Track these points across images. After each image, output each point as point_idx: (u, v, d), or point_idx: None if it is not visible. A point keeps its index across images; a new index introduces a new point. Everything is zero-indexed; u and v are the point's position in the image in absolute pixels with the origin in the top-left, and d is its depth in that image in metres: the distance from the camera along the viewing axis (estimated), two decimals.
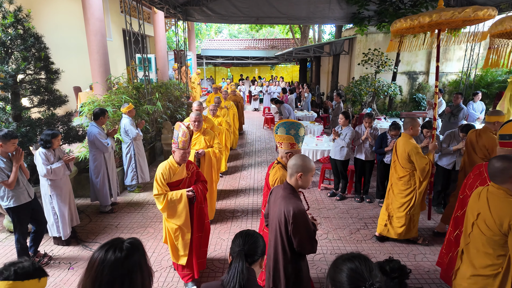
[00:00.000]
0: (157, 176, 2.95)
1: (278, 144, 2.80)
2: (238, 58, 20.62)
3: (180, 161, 2.99)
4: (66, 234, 3.90)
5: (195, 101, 4.80)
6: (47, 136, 3.63)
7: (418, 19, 3.38)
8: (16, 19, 3.99)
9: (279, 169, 2.73)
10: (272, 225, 2.27)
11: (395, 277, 1.43)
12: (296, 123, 2.75)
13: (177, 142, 2.92)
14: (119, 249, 1.30)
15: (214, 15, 10.31)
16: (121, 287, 1.27)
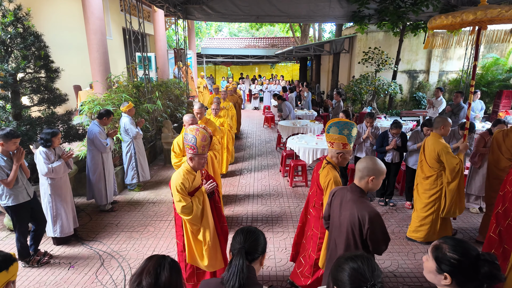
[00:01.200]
0: (177, 187, 2.62)
1: (329, 144, 2.71)
2: (238, 57, 20.59)
3: (199, 167, 2.73)
4: (66, 232, 3.91)
5: (197, 102, 4.65)
6: (47, 135, 3.62)
7: (461, 16, 3.31)
8: (16, 17, 3.99)
9: (331, 170, 2.65)
10: (340, 228, 2.20)
11: (480, 280, 1.33)
12: (350, 123, 2.64)
13: (196, 148, 2.61)
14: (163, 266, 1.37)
15: (214, 14, 10.28)
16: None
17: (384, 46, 11.56)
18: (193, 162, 2.68)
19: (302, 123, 8.02)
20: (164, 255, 1.44)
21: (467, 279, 1.34)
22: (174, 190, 2.65)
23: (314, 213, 2.89)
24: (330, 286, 1.32)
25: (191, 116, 4.04)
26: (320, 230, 2.82)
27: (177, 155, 4.00)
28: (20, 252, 3.53)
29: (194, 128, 2.67)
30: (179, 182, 2.65)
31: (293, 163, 5.92)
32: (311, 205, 2.94)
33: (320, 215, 2.79)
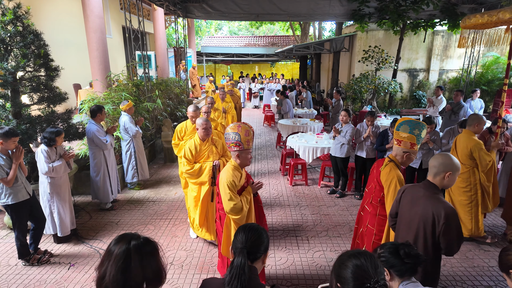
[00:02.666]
0: (228, 185, 2.58)
1: (395, 142, 2.67)
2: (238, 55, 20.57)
3: (246, 163, 2.74)
4: (65, 232, 3.91)
5: (190, 105, 4.53)
6: (51, 134, 3.63)
7: (498, 15, 3.32)
8: (15, 16, 3.98)
9: (394, 168, 2.63)
10: (409, 225, 2.18)
11: (407, 263, 1.59)
12: (422, 124, 2.60)
13: (241, 143, 2.62)
14: (136, 238, 1.31)
15: (214, 12, 10.26)
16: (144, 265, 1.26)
17: (384, 45, 11.54)
18: (240, 159, 2.68)
19: (302, 121, 8.02)
20: (132, 236, 1.31)
21: (396, 264, 1.62)
22: (225, 188, 2.59)
23: (370, 210, 2.86)
24: (333, 283, 1.32)
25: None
26: (376, 227, 2.79)
27: (189, 162, 3.65)
28: (20, 250, 3.53)
29: (234, 125, 2.67)
30: (230, 179, 2.61)
31: (293, 162, 5.92)
32: (367, 201, 2.90)
33: (377, 212, 2.77)
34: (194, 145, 3.65)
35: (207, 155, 3.71)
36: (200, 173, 3.64)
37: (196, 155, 3.66)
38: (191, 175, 3.66)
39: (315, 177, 6.33)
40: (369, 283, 1.20)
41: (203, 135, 3.65)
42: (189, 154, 3.64)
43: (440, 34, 11.86)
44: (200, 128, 3.61)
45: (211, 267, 3.56)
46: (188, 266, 3.56)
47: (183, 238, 4.12)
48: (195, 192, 3.78)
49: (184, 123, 4.48)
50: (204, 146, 3.70)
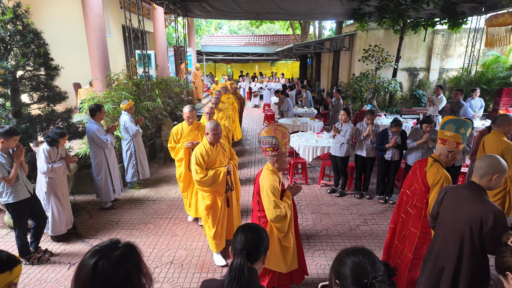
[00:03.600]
0: (272, 191, 2.45)
1: (440, 141, 2.63)
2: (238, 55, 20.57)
3: (284, 167, 2.63)
4: (57, 231, 3.91)
5: (187, 105, 4.31)
6: (55, 134, 3.64)
7: None
8: (15, 15, 3.98)
9: (440, 168, 2.59)
10: (453, 226, 2.17)
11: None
12: (468, 122, 2.55)
13: (279, 147, 2.52)
14: (107, 260, 1.15)
15: (214, 11, 10.24)
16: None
17: (384, 44, 11.53)
18: (278, 163, 2.57)
19: (302, 121, 8.02)
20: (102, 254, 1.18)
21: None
22: (269, 195, 2.44)
23: (414, 212, 2.80)
24: (333, 281, 1.33)
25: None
26: (420, 230, 2.74)
27: (202, 169, 3.36)
28: (21, 249, 3.54)
29: (270, 129, 2.55)
30: (273, 184, 2.47)
31: (293, 161, 5.92)
32: (411, 204, 2.84)
33: (422, 214, 2.72)
34: (204, 151, 3.39)
35: (219, 160, 3.49)
36: (215, 180, 3.35)
37: (208, 161, 3.40)
38: (204, 183, 3.34)
39: (315, 176, 6.33)
40: (366, 279, 1.22)
41: (214, 140, 3.41)
42: (201, 160, 3.34)
43: (440, 33, 11.85)
44: (210, 134, 3.37)
45: (211, 266, 3.56)
46: (188, 265, 3.57)
47: (183, 237, 4.13)
48: (208, 201, 3.47)
49: (180, 125, 4.34)
50: (215, 151, 3.47)
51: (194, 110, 4.25)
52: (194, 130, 4.31)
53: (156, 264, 3.57)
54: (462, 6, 9.26)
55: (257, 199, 2.63)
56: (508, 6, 8.45)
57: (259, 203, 2.61)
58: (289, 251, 2.63)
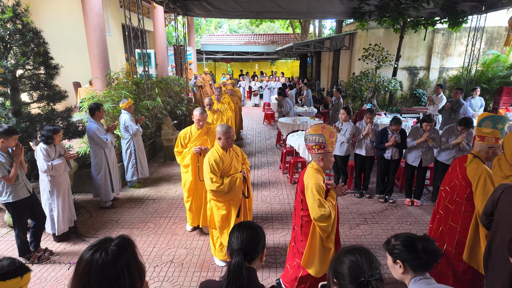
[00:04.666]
0: (317, 189, 2.41)
1: (478, 138, 2.64)
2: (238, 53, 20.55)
3: (329, 166, 2.59)
4: (61, 230, 3.91)
5: (197, 108, 4.02)
6: (48, 132, 3.62)
7: None
8: (14, 13, 3.97)
9: (480, 164, 2.60)
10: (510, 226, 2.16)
11: (423, 257, 1.54)
12: (504, 118, 2.59)
13: (326, 145, 2.50)
14: (105, 252, 1.20)
15: (214, 10, 10.23)
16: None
17: (384, 43, 11.52)
18: (323, 162, 2.53)
19: (302, 120, 8.01)
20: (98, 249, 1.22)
21: (411, 258, 1.55)
22: (314, 193, 2.40)
23: (454, 207, 2.83)
24: (331, 280, 1.34)
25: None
26: (461, 225, 2.76)
27: (217, 177, 3.12)
28: (21, 248, 3.54)
29: (317, 127, 2.54)
30: (318, 183, 2.42)
31: (293, 160, 5.93)
32: (450, 199, 2.86)
33: (462, 209, 2.75)
34: (218, 157, 3.13)
35: (233, 166, 3.26)
36: (231, 188, 3.12)
37: (222, 167, 3.16)
38: (221, 192, 3.08)
39: None
40: (363, 277, 1.23)
41: (227, 144, 3.18)
42: (216, 167, 3.08)
43: (441, 32, 11.84)
44: (223, 138, 3.12)
45: (211, 265, 3.56)
46: (188, 264, 3.57)
47: (183, 236, 4.13)
48: (223, 211, 3.23)
49: (188, 128, 4.02)
50: (228, 156, 3.22)
51: (205, 113, 3.94)
52: (203, 134, 3.99)
53: (156, 263, 3.57)
54: (462, 5, 9.25)
55: (300, 198, 2.61)
56: (508, 5, 8.44)
57: (302, 201, 2.59)
58: (330, 252, 2.61)
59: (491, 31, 11.80)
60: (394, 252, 1.61)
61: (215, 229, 3.38)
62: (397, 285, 3.20)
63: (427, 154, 4.79)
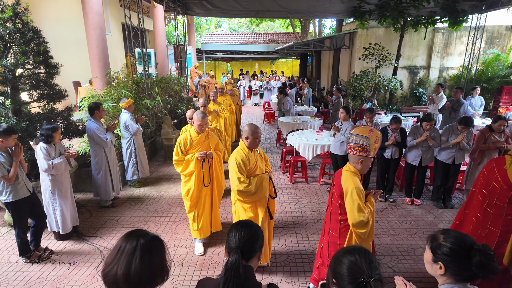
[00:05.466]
0: (357, 192, 2.35)
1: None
2: (238, 53, 20.51)
3: (365, 171, 2.55)
4: (66, 228, 3.92)
5: (196, 111, 3.77)
6: (47, 130, 3.62)
7: None
8: (14, 12, 3.96)
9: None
10: None
11: (473, 271, 1.35)
12: None
13: (369, 150, 2.44)
14: (145, 235, 1.34)
15: (214, 9, 10.22)
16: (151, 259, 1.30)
17: (384, 42, 11.51)
18: (362, 165, 2.47)
19: (302, 119, 8.01)
20: (140, 234, 1.33)
21: (460, 268, 1.38)
22: (354, 197, 2.34)
23: (494, 211, 2.79)
24: (330, 280, 1.34)
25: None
26: (502, 228, 2.72)
27: (244, 177, 3.02)
28: (21, 247, 3.54)
29: (366, 129, 2.49)
30: (360, 186, 2.35)
31: (293, 159, 5.93)
32: (489, 203, 2.81)
33: (504, 213, 2.71)
34: (245, 156, 3.02)
35: (259, 167, 3.15)
36: (258, 188, 3.01)
37: (248, 167, 3.05)
38: (248, 192, 2.97)
39: (315, 175, 6.33)
40: (362, 278, 1.22)
41: (254, 144, 3.07)
42: (243, 167, 3.00)
43: (441, 31, 11.83)
44: (251, 137, 3.01)
45: (211, 264, 3.57)
46: (189, 263, 3.57)
47: (183, 235, 4.13)
48: (251, 213, 3.10)
49: (187, 134, 3.71)
50: (253, 156, 3.12)
51: (206, 116, 3.70)
52: (204, 139, 3.75)
53: None
54: (462, 4, 9.24)
55: (338, 202, 2.53)
56: (508, 4, 8.43)
57: (341, 206, 2.52)
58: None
59: (491, 30, 11.79)
60: (439, 253, 1.43)
61: None
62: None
63: (427, 153, 4.79)
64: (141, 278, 1.27)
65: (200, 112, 3.66)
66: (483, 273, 1.33)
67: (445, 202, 4.94)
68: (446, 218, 4.60)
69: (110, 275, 1.26)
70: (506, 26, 11.85)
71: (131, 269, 1.25)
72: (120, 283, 1.25)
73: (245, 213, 3.11)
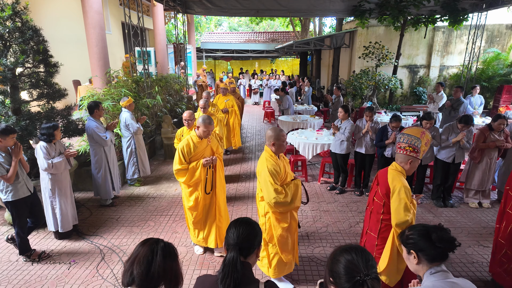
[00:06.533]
0: (405, 191, 2.35)
1: None
2: (238, 52, 20.49)
3: (411, 173, 2.53)
4: (66, 227, 3.92)
5: (203, 116, 3.43)
6: (48, 129, 3.62)
7: None
8: (14, 11, 3.96)
9: None
10: None
11: (439, 247, 1.55)
12: None
13: (419, 151, 2.44)
14: (161, 241, 1.42)
15: (214, 8, 10.19)
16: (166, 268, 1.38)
17: (384, 41, 11.50)
18: (410, 166, 2.46)
19: (302, 118, 8.01)
20: (158, 239, 1.43)
21: (427, 248, 1.56)
22: (401, 196, 2.32)
23: None
24: (327, 278, 1.35)
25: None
26: None
27: (281, 188, 2.82)
28: (21, 246, 3.55)
29: (419, 130, 2.49)
30: (407, 186, 2.35)
31: (293, 158, 5.93)
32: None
33: None
34: (275, 164, 2.83)
35: (288, 173, 2.98)
36: (294, 197, 2.82)
37: (281, 175, 2.86)
38: (284, 204, 2.76)
39: (315, 174, 6.34)
40: (359, 277, 1.23)
41: (280, 149, 2.91)
42: (277, 176, 2.80)
43: (441, 30, 11.81)
44: (277, 143, 2.86)
45: (211, 263, 3.57)
46: (189, 261, 3.58)
47: (183, 234, 4.14)
48: (285, 223, 2.90)
49: (188, 140, 3.39)
50: (281, 162, 2.93)
51: (213, 122, 3.44)
52: (206, 143, 3.49)
53: None
54: (462, 3, 9.22)
55: (383, 201, 2.51)
56: (508, 3, 8.41)
57: (384, 205, 2.49)
58: (404, 262, 2.47)
59: (491, 29, 11.77)
60: (409, 242, 1.61)
61: (271, 244, 2.99)
62: None
63: (427, 152, 4.79)
64: (158, 280, 1.33)
65: (207, 118, 3.37)
66: (444, 246, 1.53)
67: (445, 201, 4.95)
68: (445, 217, 4.61)
69: (129, 277, 1.32)
70: (507, 25, 11.83)
71: (149, 270, 1.31)
72: (136, 279, 1.30)
73: (279, 225, 2.90)
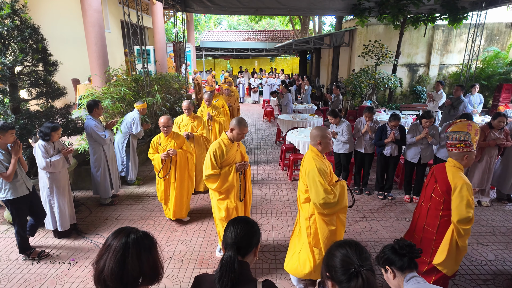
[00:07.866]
0: (467, 188, 2.42)
1: None
2: (237, 50, 20.46)
3: (470, 164, 2.57)
4: (65, 226, 3.92)
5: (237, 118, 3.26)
6: (46, 128, 3.62)
7: None
8: (12, 10, 3.95)
9: None
10: None
11: (404, 255, 1.66)
12: None
13: (471, 144, 2.46)
14: (136, 232, 1.34)
15: (213, 6, 10.17)
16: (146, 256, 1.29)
17: (384, 39, 11.49)
18: (467, 159, 2.50)
19: (302, 117, 8.01)
20: (130, 231, 1.32)
21: (396, 259, 1.67)
22: (463, 194, 2.39)
23: None
24: (324, 274, 1.40)
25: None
26: None
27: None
28: (21, 245, 3.55)
29: (464, 124, 2.50)
30: (470, 183, 2.42)
31: (293, 157, 5.93)
32: None
33: None
34: (323, 163, 2.79)
35: (332, 174, 2.89)
36: (340, 197, 2.75)
37: (328, 176, 2.81)
38: (332, 205, 2.68)
39: None
40: (353, 268, 1.28)
41: (326, 148, 2.86)
42: (326, 176, 2.74)
43: (441, 28, 11.80)
44: (324, 141, 2.81)
45: (210, 261, 3.58)
46: (188, 260, 3.58)
47: (183, 233, 4.14)
48: (332, 226, 2.80)
49: (221, 143, 3.17)
50: (326, 162, 2.87)
51: (247, 125, 3.25)
52: (236, 147, 3.30)
53: None
54: (462, 1, 9.21)
55: (443, 198, 2.59)
56: (508, 2, 8.41)
57: (445, 201, 2.57)
58: (462, 253, 2.61)
59: (491, 27, 11.77)
60: (382, 261, 1.72)
61: (317, 249, 2.90)
62: None
63: (426, 151, 4.80)
64: (132, 276, 1.24)
65: (242, 119, 3.18)
66: (407, 251, 1.65)
67: None
68: None
69: (100, 276, 1.22)
70: (506, 23, 11.82)
71: (122, 266, 1.22)
72: (107, 281, 1.21)
73: (327, 227, 2.79)
